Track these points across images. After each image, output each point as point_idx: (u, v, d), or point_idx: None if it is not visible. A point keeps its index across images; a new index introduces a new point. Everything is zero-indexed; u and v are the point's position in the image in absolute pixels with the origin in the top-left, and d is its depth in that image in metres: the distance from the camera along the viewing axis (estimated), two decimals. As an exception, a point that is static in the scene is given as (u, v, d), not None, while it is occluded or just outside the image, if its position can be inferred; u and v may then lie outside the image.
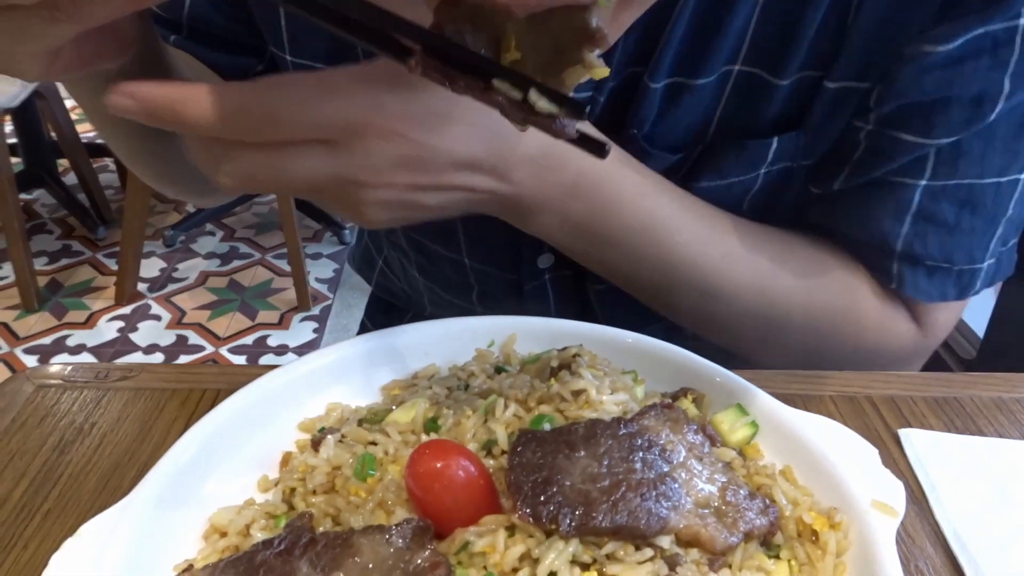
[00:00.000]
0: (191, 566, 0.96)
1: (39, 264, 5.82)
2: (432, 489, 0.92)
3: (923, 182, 1.38)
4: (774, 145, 1.39)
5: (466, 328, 1.32)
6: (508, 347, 1.30)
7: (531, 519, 0.87)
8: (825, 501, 1.05)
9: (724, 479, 1.00)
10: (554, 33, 0.70)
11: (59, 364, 1.50)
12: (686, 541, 0.91)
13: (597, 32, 0.67)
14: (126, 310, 5.47)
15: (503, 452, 1.00)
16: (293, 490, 1.07)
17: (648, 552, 0.87)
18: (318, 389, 1.23)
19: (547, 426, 1.02)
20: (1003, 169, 1.37)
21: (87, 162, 6.36)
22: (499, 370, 1.23)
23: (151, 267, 5.88)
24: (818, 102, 1.35)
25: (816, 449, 1.10)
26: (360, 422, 1.15)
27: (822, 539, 1.00)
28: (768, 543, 1.01)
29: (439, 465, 0.91)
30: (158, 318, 5.43)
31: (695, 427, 1.05)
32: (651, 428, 1.02)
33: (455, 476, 0.91)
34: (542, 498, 0.89)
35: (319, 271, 5.98)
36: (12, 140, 6.11)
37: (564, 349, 1.22)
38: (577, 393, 1.08)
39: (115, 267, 5.72)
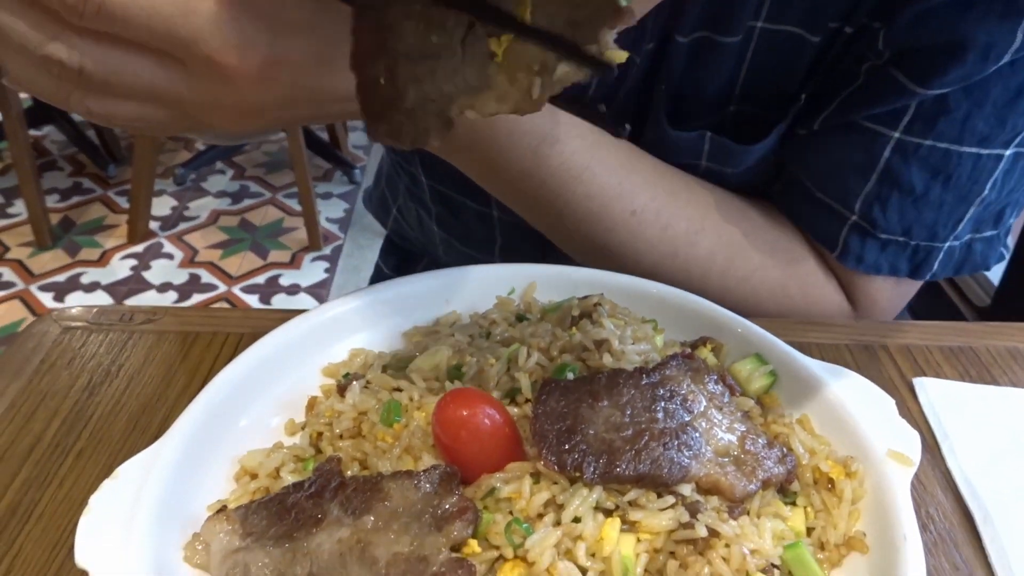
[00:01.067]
0: (224, 507, 0.99)
1: (51, 202, 5.83)
2: (459, 437, 0.94)
3: (896, 134, 1.33)
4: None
5: (486, 275, 1.33)
6: (528, 295, 1.31)
7: (556, 467, 0.89)
8: (841, 450, 1.07)
9: (743, 428, 1.02)
10: (574, 4, 0.66)
11: (83, 307, 1.52)
12: (706, 489, 0.94)
13: (625, 8, 0.64)
14: (139, 248, 5.50)
15: (527, 400, 1.02)
16: (320, 434, 1.10)
17: (669, 499, 0.90)
18: (341, 335, 1.25)
19: (570, 375, 1.04)
20: (985, 138, 1.31)
21: (96, 98, 6.31)
22: (520, 318, 1.25)
23: (162, 205, 5.88)
24: (835, 48, 1.34)
25: (833, 398, 1.11)
26: (384, 368, 1.17)
27: (838, 487, 1.02)
28: (785, 491, 1.03)
29: (465, 413, 0.93)
30: (170, 257, 5.46)
31: (715, 377, 1.06)
32: (673, 378, 1.03)
33: (481, 424, 0.93)
34: (566, 446, 0.91)
35: (330, 211, 5.98)
36: (20, 76, 6.04)
37: (585, 298, 1.23)
38: (599, 343, 1.09)
39: (127, 205, 5.73)
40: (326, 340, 1.24)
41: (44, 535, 1.10)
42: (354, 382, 1.13)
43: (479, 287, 1.32)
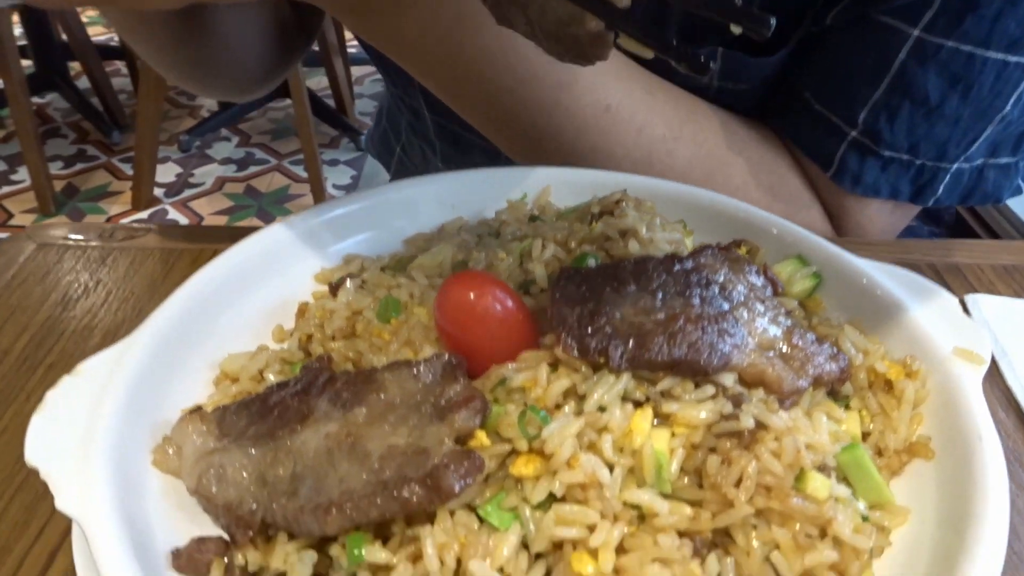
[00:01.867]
0: (199, 407, 0.87)
1: (54, 168, 5.73)
2: (464, 324, 0.82)
3: (916, 31, 1.17)
4: None
5: (496, 178, 1.20)
6: (543, 198, 1.18)
7: (576, 352, 0.77)
8: (899, 351, 0.94)
9: (789, 323, 0.90)
10: None
11: (61, 223, 1.41)
12: (750, 382, 0.82)
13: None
14: (143, 215, 5.40)
15: (542, 291, 0.90)
16: (310, 337, 0.98)
17: (709, 390, 0.78)
18: (336, 240, 1.13)
19: (592, 262, 0.92)
20: (1015, 43, 1.15)
21: (99, 65, 6.21)
22: (533, 219, 1.12)
23: (167, 172, 5.78)
24: None
25: (887, 297, 0.99)
26: (383, 269, 1.05)
27: (897, 388, 0.90)
28: (836, 394, 0.91)
29: (472, 296, 0.81)
30: (175, 223, 5.35)
31: (755, 268, 0.94)
32: (708, 266, 0.91)
33: (490, 309, 0.81)
34: (589, 329, 0.79)
35: (336, 177, 5.85)
36: (22, 43, 5.95)
37: (606, 196, 1.10)
38: (624, 232, 0.97)
39: (131, 172, 5.63)
40: (319, 245, 1.12)
41: (8, 449, 1.00)
42: (348, 280, 1.02)
43: (488, 191, 1.19)
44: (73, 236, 1.36)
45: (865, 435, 0.89)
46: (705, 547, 0.72)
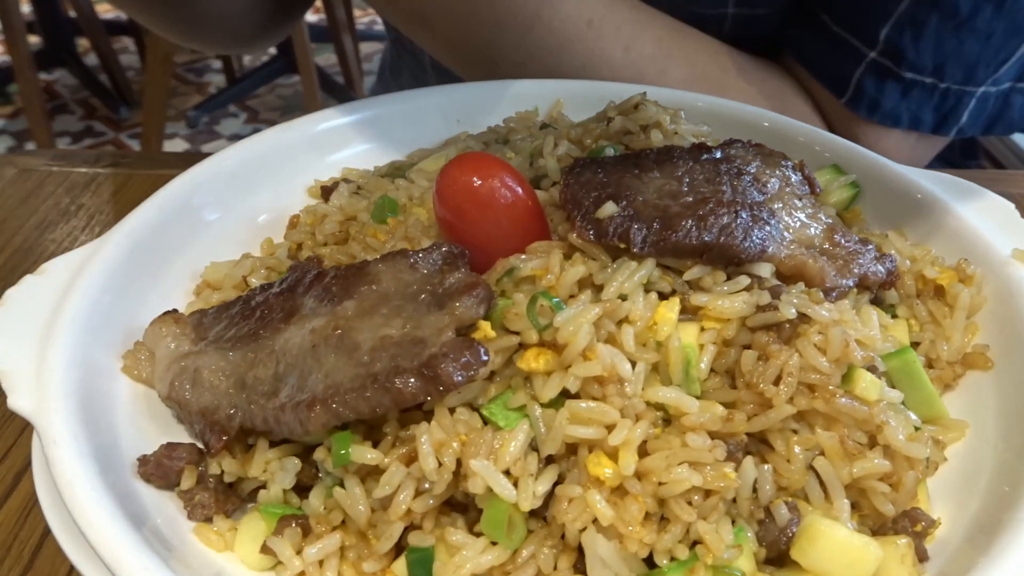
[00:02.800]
0: (175, 310, 0.79)
1: (62, 144, 5.67)
2: (467, 212, 0.73)
3: None
4: None
5: (504, 91, 1.11)
6: (555, 110, 1.09)
7: (593, 236, 0.68)
8: (950, 259, 0.85)
9: (830, 221, 0.80)
10: None
11: (44, 149, 1.33)
12: (788, 275, 0.72)
13: None
14: (151, 191, 5.34)
15: (555, 184, 0.81)
16: (300, 245, 0.89)
17: (744, 280, 0.68)
18: (332, 151, 1.04)
19: (611, 152, 0.83)
20: None
21: (107, 41, 6.14)
22: (544, 127, 1.03)
23: (174, 148, 5.70)
24: None
25: (934, 203, 0.89)
26: (381, 176, 0.96)
27: (950, 294, 0.80)
28: (880, 302, 0.82)
29: (476, 181, 0.72)
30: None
31: (792, 164, 0.85)
32: (739, 157, 0.82)
33: (496, 194, 0.72)
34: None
35: (346, 154, 5.76)
36: (30, 19, 5.90)
37: (624, 100, 1.00)
38: (645, 127, 0.88)
39: (138, 148, 5.56)
40: (314, 156, 1.03)
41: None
42: (342, 184, 0.93)
43: (496, 104, 1.10)
44: (56, 162, 1.28)
45: (913, 346, 0.80)
46: (740, 451, 0.63)
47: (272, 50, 6.56)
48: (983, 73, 1.14)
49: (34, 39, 6.01)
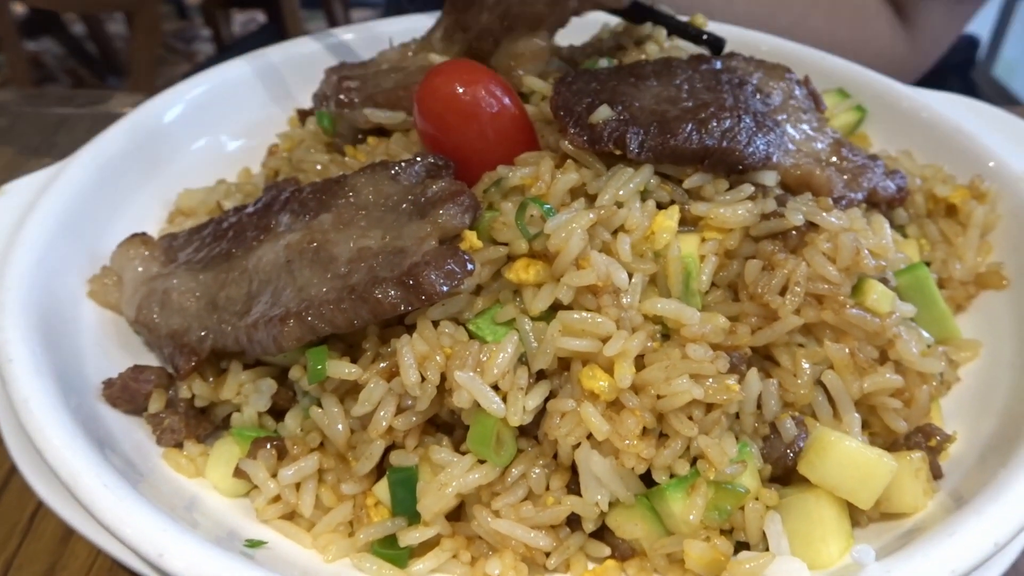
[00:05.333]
0: (144, 233, 0.75)
1: (49, 115, 5.59)
2: (451, 122, 0.68)
3: None
4: None
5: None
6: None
7: (586, 141, 0.64)
8: (963, 177, 0.81)
9: (837, 136, 0.76)
10: None
11: (16, 91, 1.28)
12: (793, 186, 0.68)
13: None
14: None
15: (544, 99, 0.76)
16: (278, 172, 0.85)
17: (747, 188, 0.64)
18: (315, 78, 0.98)
19: (604, 63, 0.78)
20: None
21: (93, 9, 6.03)
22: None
23: (164, 118, 5.64)
24: None
25: (945, 123, 0.85)
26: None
27: (963, 212, 0.76)
28: (891, 221, 0.77)
29: (459, 89, 0.67)
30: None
31: (796, 78, 0.80)
32: (741, 68, 0.77)
33: (481, 103, 0.67)
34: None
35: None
36: (14, -14, 5.78)
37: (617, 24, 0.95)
38: (640, 42, 0.83)
39: (127, 117, 5.48)
40: (296, 83, 0.98)
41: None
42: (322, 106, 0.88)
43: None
44: (29, 102, 1.23)
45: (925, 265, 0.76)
46: (744, 363, 0.59)
47: (261, 18, 6.46)
48: None
49: (19, 7, 5.88)
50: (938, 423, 0.64)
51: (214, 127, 0.90)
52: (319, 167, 0.79)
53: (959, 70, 1.64)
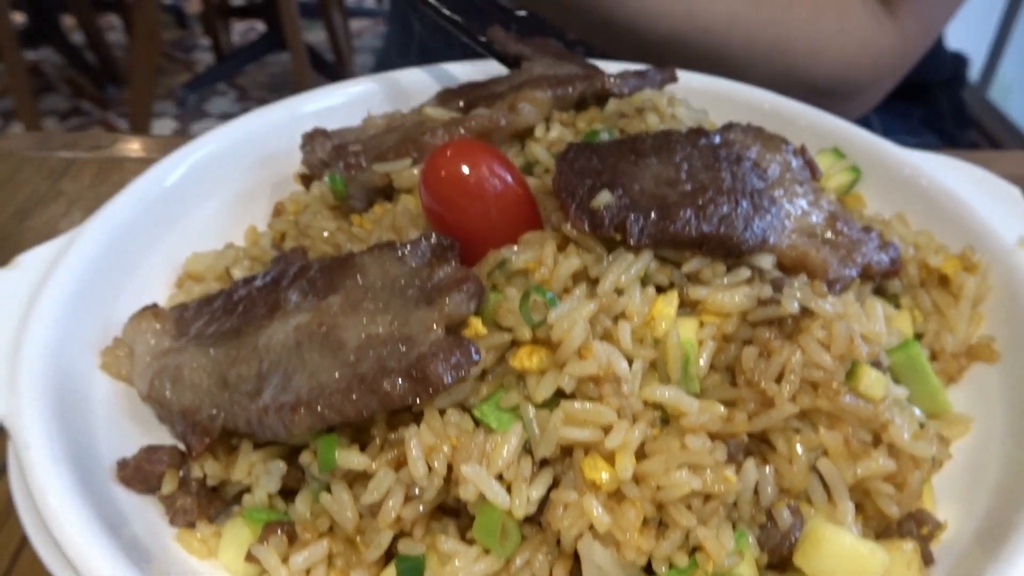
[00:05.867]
0: (155, 304, 0.76)
1: (49, 124, 5.60)
2: (456, 201, 0.70)
3: None
4: None
5: (497, 68, 1.08)
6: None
7: (588, 226, 0.65)
8: (954, 246, 0.83)
9: (833, 208, 0.78)
10: None
11: (19, 134, 1.29)
12: (789, 267, 0.70)
13: None
14: (139, 171, 5.27)
15: (547, 171, 0.78)
16: (284, 235, 0.86)
17: (744, 272, 0.66)
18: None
19: (605, 137, 0.80)
20: None
21: (92, 18, 6.05)
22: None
23: (163, 127, 5.63)
24: None
25: (937, 188, 0.87)
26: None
27: (955, 284, 0.78)
28: (883, 291, 0.79)
29: (464, 169, 0.69)
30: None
31: (792, 148, 0.82)
32: (739, 142, 0.79)
33: (485, 183, 0.69)
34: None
35: (337, 133, 5.69)
36: (13, -5, 5.79)
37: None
38: (641, 110, 0.85)
39: (126, 127, 5.49)
40: (299, 138, 1.00)
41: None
42: (327, 171, 0.90)
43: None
44: (35, 146, 1.24)
45: (917, 337, 0.78)
46: (741, 452, 0.61)
47: (260, 27, 6.48)
48: None
49: (19, 17, 5.92)
50: (930, 504, 0.66)
51: (219, 187, 0.92)
52: (325, 234, 0.81)
53: (948, 87, 1.65)
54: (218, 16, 6.13)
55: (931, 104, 1.60)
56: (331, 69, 6.33)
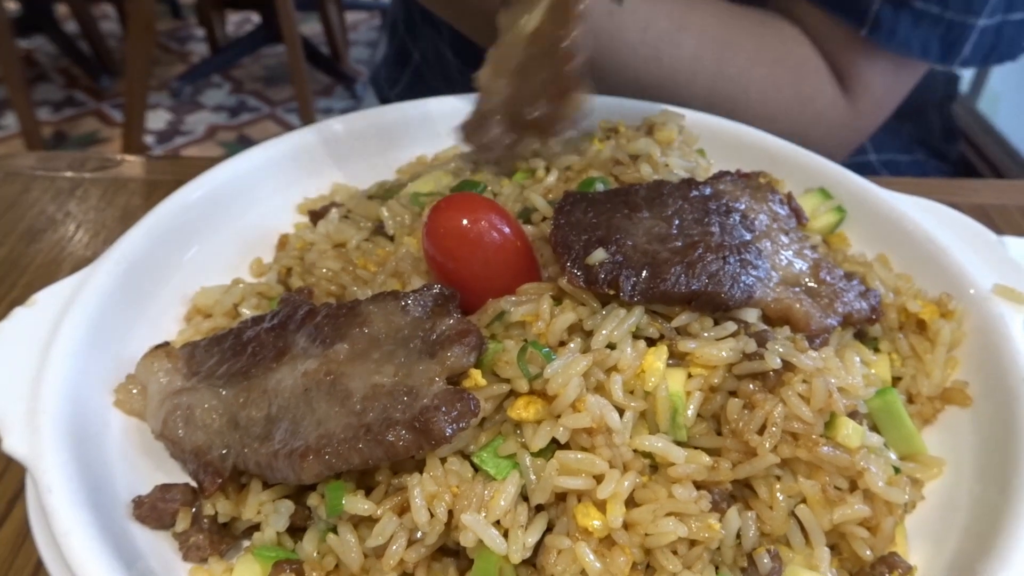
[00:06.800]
0: (166, 343, 0.80)
1: (43, 114, 5.59)
2: (456, 252, 0.73)
3: None
4: None
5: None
6: (545, 126, 1.09)
7: (583, 282, 0.69)
8: (933, 290, 0.86)
9: (816, 256, 0.81)
10: None
11: (30, 153, 1.32)
12: (774, 319, 0.74)
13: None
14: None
15: (544, 219, 0.82)
16: (289, 270, 0.90)
17: (730, 326, 0.70)
18: (321, 167, 1.04)
19: (600, 187, 0.83)
20: None
21: (87, 8, 6.03)
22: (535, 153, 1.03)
23: (158, 119, 5.63)
24: None
25: (918, 232, 0.91)
26: (370, 198, 0.96)
27: (931, 329, 0.82)
28: (864, 336, 0.83)
29: (464, 222, 0.72)
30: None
31: (779, 197, 0.85)
32: (728, 193, 0.82)
33: (485, 235, 0.73)
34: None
35: (332, 126, 5.69)
36: (7, -17, 5.76)
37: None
38: (636, 157, 0.88)
39: (121, 118, 5.48)
40: (304, 172, 1.03)
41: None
42: (333, 209, 0.93)
43: (486, 118, 1.10)
44: (42, 166, 1.27)
45: (895, 380, 0.81)
46: (724, 500, 0.65)
47: (256, 18, 6.47)
48: (978, 5, 1.23)
49: (12, 5, 5.90)
50: (902, 545, 0.70)
51: (227, 220, 0.95)
52: (330, 273, 0.85)
53: (938, 107, 1.69)
54: (213, 7, 6.12)
55: (922, 121, 1.64)
56: (326, 62, 6.33)
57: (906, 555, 0.69)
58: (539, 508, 0.65)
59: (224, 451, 0.70)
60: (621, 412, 0.65)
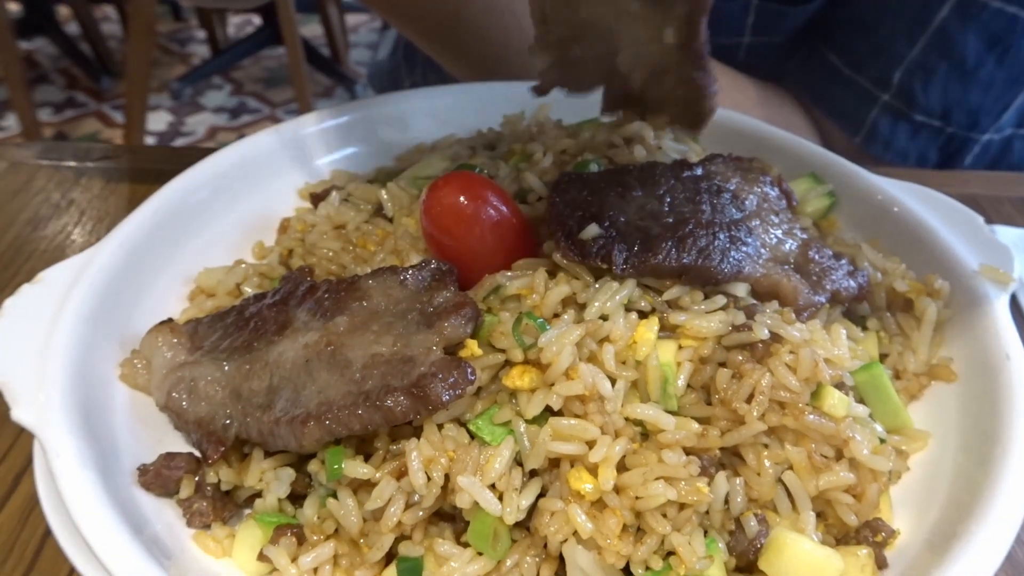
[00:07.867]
0: (170, 319, 0.81)
1: (44, 115, 5.61)
2: (454, 229, 0.75)
3: None
4: None
5: (493, 93, 1.13)
6: (542, 114, 1.11)
7: (577, 257, 0.71)
8: (920, 271, 0.88)
9: (805, 236, 0.83)
10: None
11: (31, 142, 1.34)
12: (763, 294, 0.76)
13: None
14: (134, 163, 5.29)
15: (540, 199, 0.84)
16: (291, 252, 0.92)
17: (720, 300, 0.71)
18: (321, 154, 1.06)
19: (594, 167, 0.85)
20: None
21: (88, 9, 6.05)
22: (532, 140, 1.05)
23: (158, 120, 5.65)
24: None
25: (906, 215, 0.92)
26: (369, 182, 0.98)
27: (918, 308, 0.84)
28: (852, 314, 0.85)
29: (461, 199, 0.74)
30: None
31: (770, 179, 0.87)
32: (719, 174, 0.84)
33: (481, 212, 0.75)
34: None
35: (332, 128, 5.72)
36: (8, -15, 5.79)
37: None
38: (629, 140, 0.90)
39: (121, 120, 5.51)
40: (304, 158, 1.05)
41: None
42: (333, 192, 0.95)
43: (484, 107, 1.12)
44: (46, 155, 1.29)
45: (883, 357, 0.83)
46: (713, 466, 0.67)
47: (257, 20, 6.50)
48: (986, 121, 1.23)
49: (13, 6, 5.93)
50: (887, 513, 0.72)
51: (230, 203, 0.97)
52: (330, 253, 0.87)
53: None
54: (214, 9, 6.14)
55: None
56: (327, 64, 6.35)
57: (891, 521, 0.71)
58: (533, 473, 0.66)
59: (227, 421, 0.72)
60: (613, 381, 0.67)
